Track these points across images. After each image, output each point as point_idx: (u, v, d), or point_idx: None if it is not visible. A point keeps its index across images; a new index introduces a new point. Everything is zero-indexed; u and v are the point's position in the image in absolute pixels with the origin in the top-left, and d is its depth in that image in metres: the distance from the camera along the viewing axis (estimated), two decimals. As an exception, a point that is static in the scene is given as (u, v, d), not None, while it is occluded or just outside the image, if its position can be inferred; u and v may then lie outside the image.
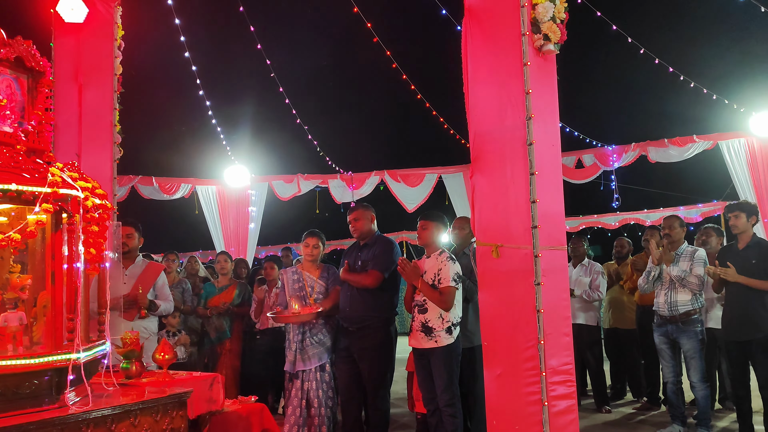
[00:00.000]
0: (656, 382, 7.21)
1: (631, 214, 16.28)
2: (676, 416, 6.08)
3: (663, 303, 5.99)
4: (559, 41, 4.10)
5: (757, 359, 5.50)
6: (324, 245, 5.93)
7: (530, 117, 3.94)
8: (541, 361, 3.81)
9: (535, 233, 3.85)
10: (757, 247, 5.62)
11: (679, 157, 10.93)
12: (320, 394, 5.40)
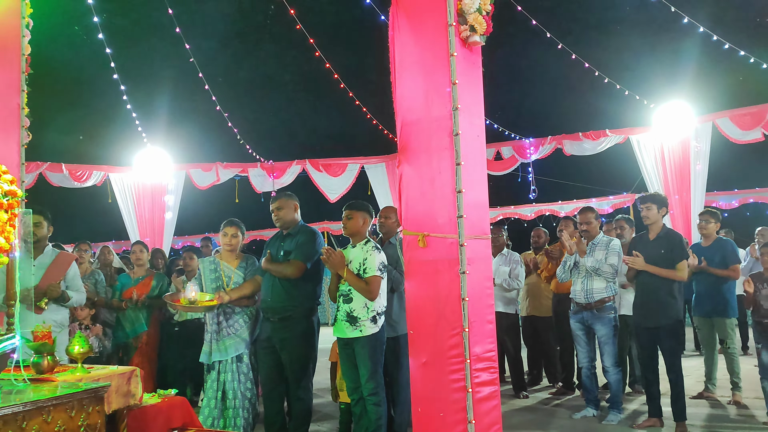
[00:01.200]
0: (571, 368, 7.47)
1: (546, 205, 16.77)
2: (590, 400, 6.32)
3: (579, 291, 6.21)
4: (485, 33, 4.14)
5: (664, 344, 5.78)
6: (243, 235, 5.84)
7: (456, 108, 3.97)
8: (465, 349, 3.86)
9: (461, 223, 3.89)
10: (666, 238, 5.89)
11: (592, 151, 11.34)
12: (236, 386, 5.32)
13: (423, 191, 4.11)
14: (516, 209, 17.47)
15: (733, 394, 6.72)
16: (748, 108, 10.01)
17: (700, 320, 7.02)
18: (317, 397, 6.68)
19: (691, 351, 10.11)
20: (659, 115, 10.10)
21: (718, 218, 7.08)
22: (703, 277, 6.84)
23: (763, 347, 5.95)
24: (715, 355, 6.97)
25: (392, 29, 4.39)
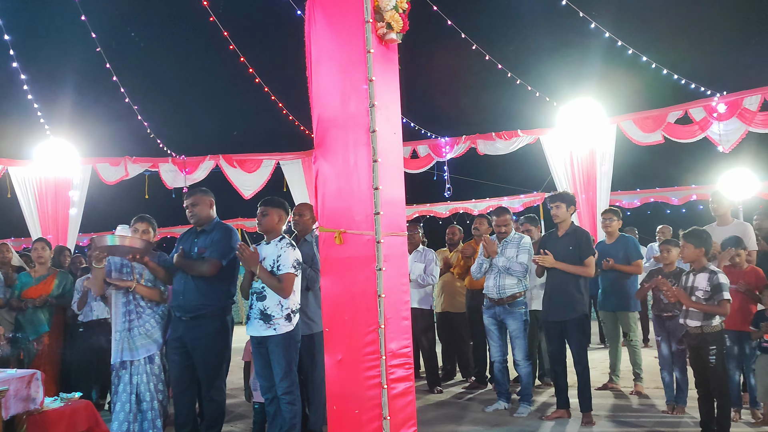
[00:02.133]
0: (484, 362, 7.63)
1: (461, 203, 17.11)
2: (501, 393, 6.47)
3: (492, 287, 6.34)
4: (401, 31, 4.16)
5: (572, 338, 5.98)
6: (155, 231, 5.66)
7: (373, 105, 3.97)
8: (381, 346, 3.87)
9: (378, 220, 3.90)
10: (574, 235, 6.10)
11: (504, 150, 11.63)
12: (151, 387, 5.16)
13: (340, 188, 4.08)
14: (431, 207, 17.74)
15: (636, 384, 7.03)
16: (650, 111, 10.51)
17: (604, 314, 7.31)
18: (230, 397, 6.55)
19: (597, 344, 10.52)
20: (567, 116, 10.45)
21: (620, 216, 7.39)
22: (607, 272, 7.12)
23: (662, 339, 6.25)
24: (618, 348, 7.27)
25: (308, 24, 4.34)
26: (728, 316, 5.21)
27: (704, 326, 5.10)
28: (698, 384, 5.24)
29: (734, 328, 5.76)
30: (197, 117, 17.26)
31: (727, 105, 9.64)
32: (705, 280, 5.16)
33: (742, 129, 9.70)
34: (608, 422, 5.87)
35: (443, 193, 13.16)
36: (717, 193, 6.94)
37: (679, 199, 17.42)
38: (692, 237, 5.35)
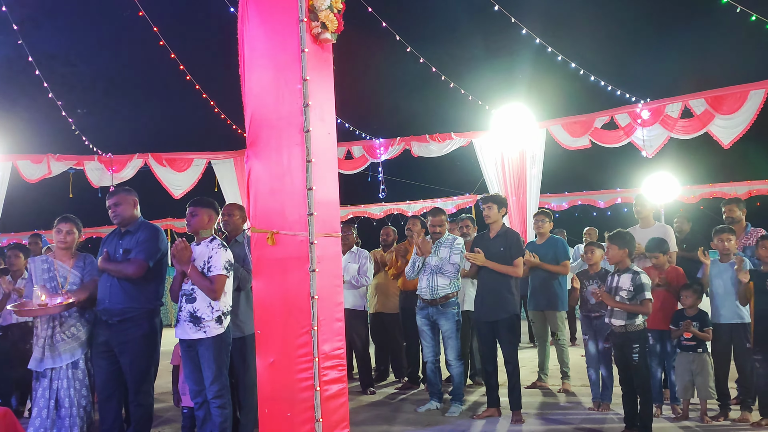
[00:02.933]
0: (416, 363, 7.67)
1: (395, 204, 17.18)
2: (434, 393, 6.52)
3: (425, 288, 6.38)
4: (336, 31, 4.15)
5: (503, 337, 6.08)
6: (80, 232, 5.47)
7: (307, 104, 3.94)
8: (314, 347, 3.84)
9: (311, 220, 3.87)
10: (505, 236, 6.21)
11: (438, 153, 11.74)
12: (72, 393, 4.99)
13: (273, 188, 4.03)
14: (366, 208, 17.75)
15: (563, 382, 7.21)
16: (578, 117, 10.80)
17: (534, 314, 7.46)
18: (158, 402, 6.38)
19: (526, 343, 10.74)
20: (499, 120, 10.65)
21: (551, 218, 7.57)
22: (537, 273, 7.28)
23: (589, 338, 6.43)
24: (547, 347, 7.44)
25: (242, 22, 4.28)
26: (651, 315, 5.41)
27: (628, 325, 5.27)
28: (622, 381, 5.41)
29: (656, 327, 5.97)
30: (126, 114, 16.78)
31: (651, 111, 9.99)
32: (628, 280, 5.33)
33: (664, 135, 10.08)
34: (537, 420, 5.99)
35: (377, 194, 13.20)
36: (640, 197, 7.19)
37: (605, 202, 17.97)
38: (616, 239, 5.53)
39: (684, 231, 7.59)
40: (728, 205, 6.82)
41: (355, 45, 13.61)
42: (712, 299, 6.05)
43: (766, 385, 5.58)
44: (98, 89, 15.69)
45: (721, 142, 9.51)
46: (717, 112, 9.28)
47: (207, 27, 13.04)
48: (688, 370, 5.84)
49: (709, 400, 5.86)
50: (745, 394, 5.85)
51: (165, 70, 11.99)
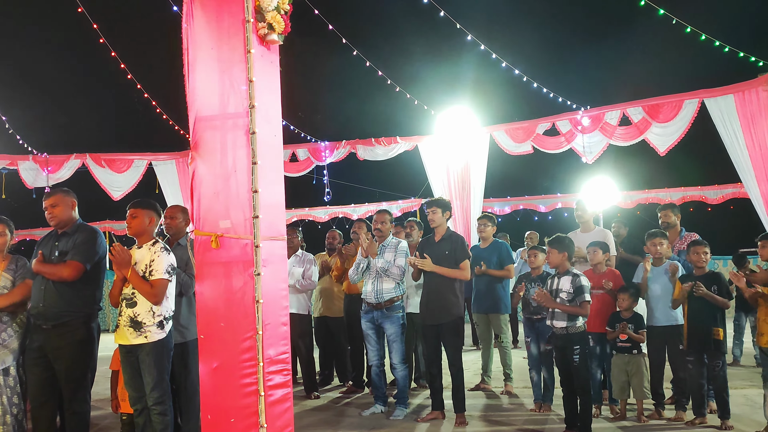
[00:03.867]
0: (361, 366, 7.66)
1: (340, 208, 17.15)
2: (378, 397, 6.52)
3: (370, 291, 6.38)
4: (283, 32, 4.10)
5: (447, 340, 6.13)
6: (12, 234, 5.30)
7: (253, 106, 3.89)
8: (259, 352, 3.79)
9: (257, 223, 3.82)
10: (450, 240, 6.26)
11: (384, 156, 11.76)
12: (4, 401, 4.80)
13: (217, 190, 3.97)
14: (311, 211, 17.67)
15: (506, 384, 7.32)
16: (520, 122, 10.97)
17: (478, 317, 7.55)
18: (95, 409, 6.21)
19: (470, 346, 10.86)
20: (443, 124, 10.73)
21: (495, 222, 7.68)
22: (481, 276, 7.36)
23: (531, 341, 6.54)
24: (491, 349, 7.54)
25: (186, 21, 4.19)
26: (590, 318, 5.54)
27: (569, 327, 5.39)
28: (563, 382, 5.53)
29: (595, 330, 6.13)
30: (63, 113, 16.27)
31: (591, 119, 10.22)
32: (568, 283, 5.45)
33: (603, 141, 10.32)
34: (480, 422, 6.06)
35: (322, 198, 13.14)
36: (581, 202, 7.36)
37: (546, 206, 18.36)
38: (557, 243, 5.65)
39: (621, 235, 7.81)
40: (664, 210, 7.04)
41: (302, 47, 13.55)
42: (647, 302, 6.24)
43: (699, 385, 5.78)
44: (34, 86, 15.15)
45: (657, 149, 9.80)
46: (654, 120, 9.56)
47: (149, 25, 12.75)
48: (623, 371, 6.00)
49: (645, 399, 6.03)
50: (679, 394, 6.05)
51: (106, 69, 11.67)
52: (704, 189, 16.22)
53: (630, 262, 6.95)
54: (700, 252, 5.86)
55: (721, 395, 5.67)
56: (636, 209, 16.89)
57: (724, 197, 16.01)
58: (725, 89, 8.70)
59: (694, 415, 5.81)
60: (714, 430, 5.58)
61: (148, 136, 14.38)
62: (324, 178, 12.83)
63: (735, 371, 8.10)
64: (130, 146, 12.55)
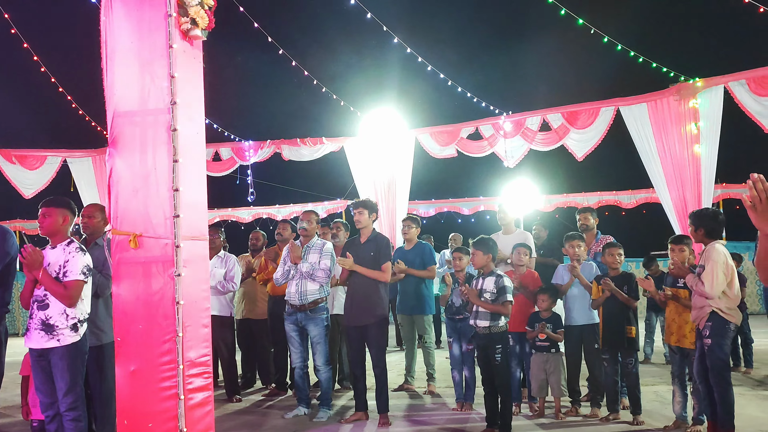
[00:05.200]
0: (285, 369, 7.59)
1: (264, 208, 16.95)
2: (301, 399, 6.47)
3: (294, 293, 6.33)
4: (206, 28, 4.03)
5: (371, 341, 6.13)
6: None
7: (175, 102, 3.80)
8: (178, 354, 3.70)
9: (177, 223, 3.73)
10: (375, 241, 6.27)
11: (309, 157, 11.71)
12: None
13: (136, 188, 3.85)
14: (234, 211, 17.40)
15: (429, 384, 7.39)
16: (445, 126, 11.14)
17: (402, 317, 7.59)
18: (4, 417, 5.92)
19: (393, 347, 10.92)
20: (369, 126, 10.78)
21: (419, 224, 7.74)
22: (405, 277, 7.41)
23: (454, 340, 6.64)
24: (414, 350, 7.60)
25: (104, 13, 4.06)
26: (510, 318, 5.67)
27: (492, 327, 5.49)
28: (484, 381, 5.63)
29: (516, 329, 6.27)
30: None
31: (513, 124, 10.48)
32: (492, 284, 5.56)
33: (524, 146, 10.60)
34: (403, 422, 6.10)
35: (246, 198, 12.95)
36: (503, 205, 7.54)
37: (469, 209, 18.71)
38: (480, 244, 5.76)
39: (542, 238, 8.02)
40: (583, 213, 7.28)
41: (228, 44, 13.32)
42: (565, 303, 6.44)
43: (614, 382, 6.00)
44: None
45: (575, 154, 10.14)
46: (572, 127, 9.88)
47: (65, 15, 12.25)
48: (542, 370, 6.17)
49: (562, 397, 6.21)
50: (594, 392, 6.26)
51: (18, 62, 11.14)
52: (619, 194, 16.91)
53: (547, 264, 7.16)
54: (614, 254, 6.09)
55: (634, 392, 5.90)
56: (555, 213, 17.42)
57: (637, 202, 16.74)
58: (639, 98, 9.09)
59: (608, 411, 6.02)
60: (626, 425, 5.80)
61: (63, 131, 13.81)
62: (248, 178, 12.65)
63: (646, 368, 8.45)
64: (43, 142, 12.02)
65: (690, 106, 8.67)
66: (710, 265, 5.09)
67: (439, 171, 15.88)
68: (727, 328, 5.10)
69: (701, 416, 5.45)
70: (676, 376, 5.67)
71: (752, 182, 2.53)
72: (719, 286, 5.06)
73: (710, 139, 8.60)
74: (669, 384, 5.82)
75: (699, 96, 8.64)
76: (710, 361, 5.12)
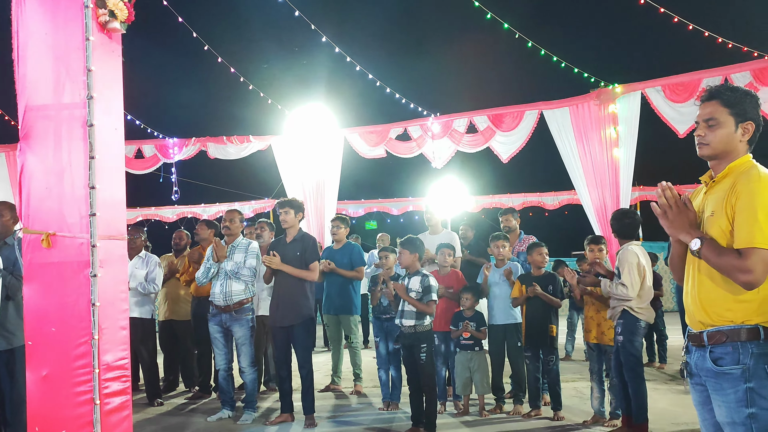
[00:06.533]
0: (208, 371, 7.44)
1: (189, 208, 16.59)
2: (226, 401, 6.36)
3: (218, 293, 6.21)
4: (126, 20, 3.90)
5: (297, 342, 6.09)
6: None
7: (92, 97, 3.66)
8: (94, 358, 3.57)
9: (93, 221, 3.59)
10: (301, 241, 6.22)
11: (236, 155, 11.52)
12: None
13: (49, 186, 3.69)
14: (157, 210, 16.94)
15: (356, 384, 7.39)
16: (374, 126, 11.16)
17: (328, 318, 7.56)
18: None
19: (321, 347, 10.87)
20: (298, 125, 10.70)
21: (347, 224, 7.73)
22: (332, 278, 7.39)
23: (381, 340, 6.66)
24: (341, 350, 7.58)
25: (16, 3, 3.87)
26: (435, 317, 5.73)
27: (417, 326, 5.53)
28: (410, 381, 5.67)
29: (441, 328, 6.35)
30: None
31: (441, 125, 10.59)
32: (417, 283, 5.61)
33: (452, 148, 10.72)
34: (329, 423, 6.08)
35: (170, 196, 12.61)
36: (430, 205, 7.60)
37: (398, 209, 18.82)
38: (408, 244, 5.79)
39: (468, 238, 8.14)
40: (505, 215, 7.43)
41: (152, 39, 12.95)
42: (488, 302, 6.55)
43: (535, 379, 6.16)
44: None
45: (501, 156, 10.33)
46: (498, 129, 10.07)
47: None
48: (466, 368, 6.26)
49: (486, 395, 6.33)
50: (517, 389, 6.40)
51: None
52: (542, 195, 17.37)
53: (474, 263, 7.27)
54: (542, 253, 6.25)
55: (554, 388, 6.07)
56: (481, 213, 17.73)
57: (560, 203, 17.22)
58: (561, 102, 9.35)
59: (530, 407, 6.17)
60: (547, 421, 5.95)
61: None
62: (172, 177, 12.33)
63: (567, 365, 8.70)
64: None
65: (610, 110, 8.97)
66: (626, 267, 5.30)
67: (369, 171, 15.93)
68: (638, 326, 5.33)
69: (617, 411, 5.66)
70: (594, 373, 5.87)
71: (661, 190, 2.65)
72: (637, 286, 5.28)
73: (628, 143, 8.92)
74: (588, 380, 6.00)
75: (618, 101, 8.95)
76: (623, 357, 5.32)
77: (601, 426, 5.70)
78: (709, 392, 2.64)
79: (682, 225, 2.63)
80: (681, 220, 2.63)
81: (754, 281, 2.45)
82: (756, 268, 2.43)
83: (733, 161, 2.67)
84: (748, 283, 2.46)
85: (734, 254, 2.48)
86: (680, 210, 2.63)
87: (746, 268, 2.44)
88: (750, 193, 2.51)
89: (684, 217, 2.63)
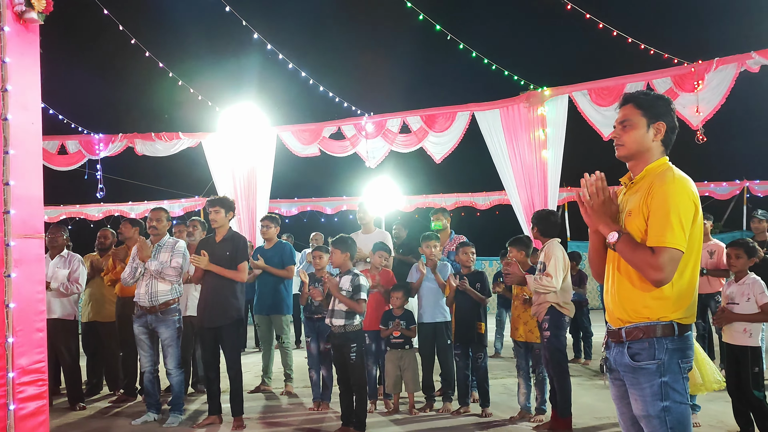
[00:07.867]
0: (134, 373, 7.24)
1: (115, 206, 16.12)
2: (151, 404, 6.19)
3: (144, 294, 6.05)
4: (44, 11, 3.76)
5: (225, 343, 5.98)
6: None
7: (6, 89, 3.52)
8: (8, 361, 3.43)
9: (8, 219, 3.46)
10: (231, 241, 6.12)
11: (165, 152, 11.26)
12: None
13: (-41, 181, 3.52)
14: (82, 208, 16.39)
15: (286, 385, 7.33)
16: (308, 125, 11.11)
17: (260, 318, 7.48)
18: None
19: (252, 348, 10.74)
20: (229, 122, 10.55)
21: (279, 223, 7.65)
22: (263, 277, 7.31)
23: (312, 340, 6.62)
24: (272, 351, 7.50)
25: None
26: (366, 316, 5.74)
27: (347, 325, 5.52)
28: (340, 380, 5.66)
29: (371, 327, 6.36)
30: None
31: (374, 125, 10.63)
32: (348, 282, 5.60)
33: (385, 147, 10.78)
34: (258, 424, 6.00)
35: (95, 194, 12.21)
36: (363, 205, 7.61)
37: (332, 208, 18.78)
38: (340, 243, 5.78)
39: (401, 237, 8.19)
40: (435, 214, 7.51)
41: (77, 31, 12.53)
42: (418, 300, 6.60)
43: (464, 377, 6.24)
44: None
45: (433, 156, 10.46)
46: (430, 130, 10.18)
47: None
48: (396, 366, 6.30)
49: (416, 393, 6.37)
50: (446, 386, 6.47)
51: None
52: (474, 195, 17.64)
53: (405, 262, 7.32)
54: (468, 252, 6.34)
55: (483, 385, 6.16)
56: (414, 213, 17.87)
57: (491, 203, 17.52)
58: (492, 104, 9.52)
59: (459, 405, 6.25)
60: (476, 417, 6.04)
61: None
62: (97, 173, 11.94)
63: (496, 363, 8.85)
64: None
65: (539, 113, 9.19)
66: (553, 260, 5.45)
67: (303, 170, 15.84)
68: (563, 321, 5.52)
69: (543, 406, 5.80)
70: (522, 369, 5.99)
71: (586, 181, 2.74)
72: (561, 277, 5.44)
73: (556, 144, 9.16)
74: (516, 377, 6.13)
75: (546, 104, 9.17)
76: (549, 352, 5.47)
77: (527, 422, 5.82)
78: (626, 387, 2.73)
79: (604, 216, 2.73)
80: (603, 210, 2.73)
81: (663, 278, 2.57)
82: (666, 266, 2.55)
83: (649, 163, 2.77)
84: (657, 280, 2.58)
85: (648, 251, 2.59)
86: (604, 201, 2.72)
87: (657, 266, 2.55)
88: (664, 194, 2.61)
89: (606, 209, 2.73)
